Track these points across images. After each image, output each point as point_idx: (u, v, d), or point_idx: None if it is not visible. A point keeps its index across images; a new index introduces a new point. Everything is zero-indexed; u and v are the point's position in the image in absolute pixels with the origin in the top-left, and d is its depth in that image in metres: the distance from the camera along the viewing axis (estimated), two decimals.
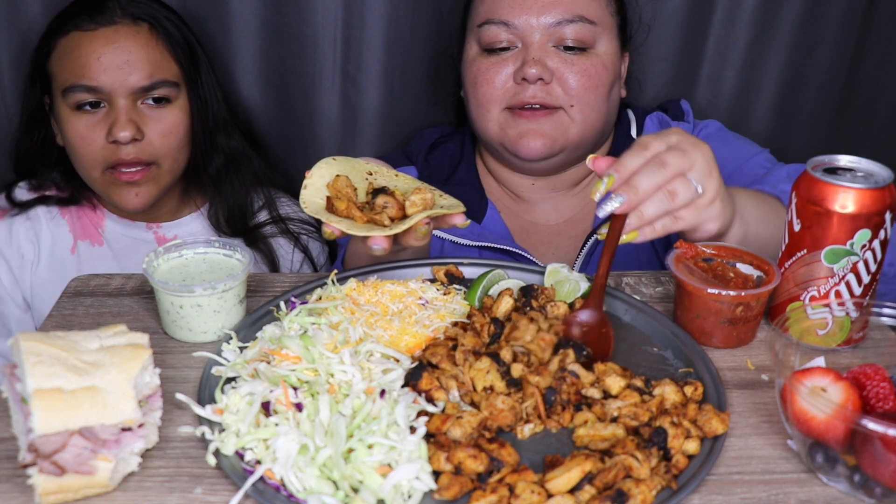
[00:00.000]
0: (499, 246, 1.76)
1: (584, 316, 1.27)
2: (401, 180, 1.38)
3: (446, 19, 2.04)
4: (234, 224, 1.96)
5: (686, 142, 1.27)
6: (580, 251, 1.77)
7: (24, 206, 1.91)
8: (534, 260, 1.75)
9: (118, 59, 1.75)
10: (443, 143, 1.96)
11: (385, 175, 1.38)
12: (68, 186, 1.92)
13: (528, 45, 1.69)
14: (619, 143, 1.86)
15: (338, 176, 1.31)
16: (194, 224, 1.98)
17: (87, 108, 1.77)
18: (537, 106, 1.70)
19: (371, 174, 1.37)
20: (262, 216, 2.01)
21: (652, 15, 2.03)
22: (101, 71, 1.74)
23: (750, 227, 1.40)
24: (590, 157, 1.31)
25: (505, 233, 1.82)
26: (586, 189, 1.88)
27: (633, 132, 1.87)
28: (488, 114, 1.75)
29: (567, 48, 1.70)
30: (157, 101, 1.80)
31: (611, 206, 1.22)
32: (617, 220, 1.25)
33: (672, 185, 1.24)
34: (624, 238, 1.25)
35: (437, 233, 1.81)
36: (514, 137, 1.72)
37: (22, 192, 1.94)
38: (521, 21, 1.69)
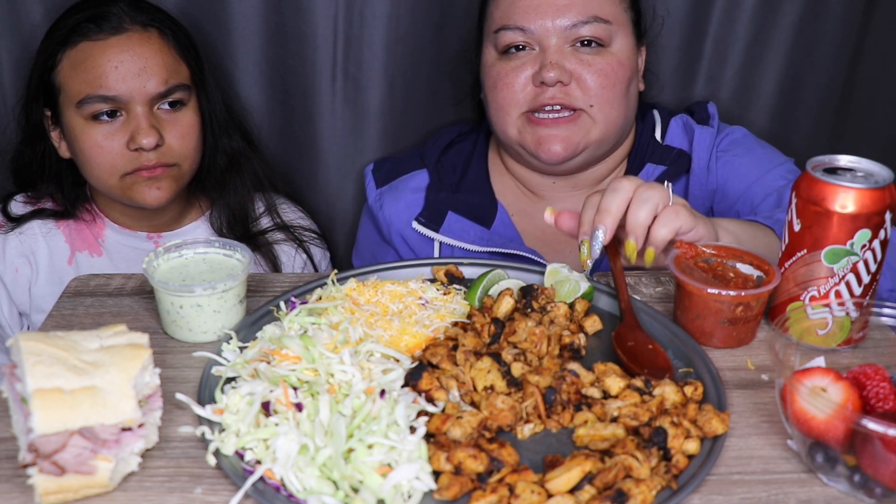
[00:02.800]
0: (508, 251, 1.76)
1: (627, 334, 1.27)
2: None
3: (447, 19, 2.04)
4: (235, 229, 1.96)
5: (651, 184, 1.33)
6: None
7: (18, 221, 1.90)
8: (541, 261, 1.75)
9: (135, 67, 1.74)
10: (459, 141, 1.97)
11: None
12: (64, 199, 1.92)
13: (546, 49, 1.70)
14: (642, 143, 1.87)
15: None
16: (195, 234, 1.98)
17: (104, 117, 1.76)
18: (557, 107, 1.71)
19: None
20: (264, 222, 2.01)
21: (666, 10, 2.03)
22: (118, 80, 1.74)
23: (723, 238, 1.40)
24: (547, 211, 1.40)
25: (514, 236, 1.83)
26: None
27: (658, 134, 1.87)
28: (508, 117, 1.76)
29: (583, 46, 1.71)
30: (173, 105, 1.80)
31: (598, 241, 1.29)
32: (611, 250, 1.38)
33: (640, 193, 1.30)
34: (646, 261, 1.30)
35: (444, 238, 1.82)
36: (534, 142, 1.73)
37: (18, 206, 1.94)
38: (537, 25, 1.70)
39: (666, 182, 1.38)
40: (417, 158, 1.96)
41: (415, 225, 1.85)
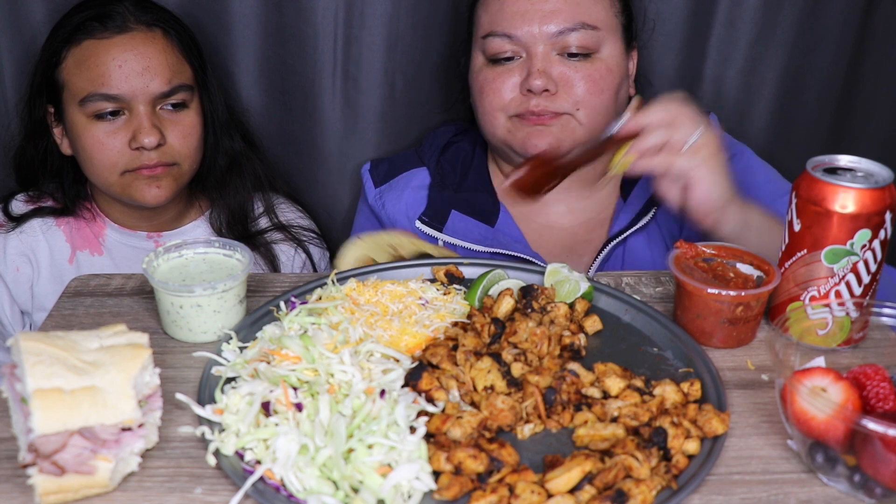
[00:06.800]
0: (512, 252, 1.76)
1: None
2: (420, 246, 1.51)
3: (447, 19, 2.04)
4: (235, 228, 1.97)
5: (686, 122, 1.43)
6: (596, 257, 1.77)
7: (19, 221, 1.91)
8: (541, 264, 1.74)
9: (138, 66, 1.75)
10: (456, 142, 1.97)
11: (406, 246, 1.51)
12: (65, 197, 1.92)
13: (533, 56, 1.70)
14: None
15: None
16: (195, 233, 1.98)
17: (108, 116, 1.76)
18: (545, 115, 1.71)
19: (393, 247, 1.51)
20: (263, 222, 2.02)
21: (656, 13, 2.03)
22: (121, 79, 1.74)
23: (751, 222, 1.46)
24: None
25: (518, 236, 1.82)
26: (602, 191, 1.87)
27: None
28: (495, 121, 1.76)
29: (571, 55, 1.70)
30: (175, 105, 1.81)
31: (617, 124, 1.47)
32: (620, 140, 1.46)
33: (669, 126, 1.42)
34: (623, 160, 1.45)
35: (448, 238, 1.82)
36: (522, 139, 1.73)
37: (18, 206, 1.94)
38: (524, 32, 1.69)
39: (700, 129, 1.42)
40: (415, 157, 1.95)
41: (418, 224, 1.85)
